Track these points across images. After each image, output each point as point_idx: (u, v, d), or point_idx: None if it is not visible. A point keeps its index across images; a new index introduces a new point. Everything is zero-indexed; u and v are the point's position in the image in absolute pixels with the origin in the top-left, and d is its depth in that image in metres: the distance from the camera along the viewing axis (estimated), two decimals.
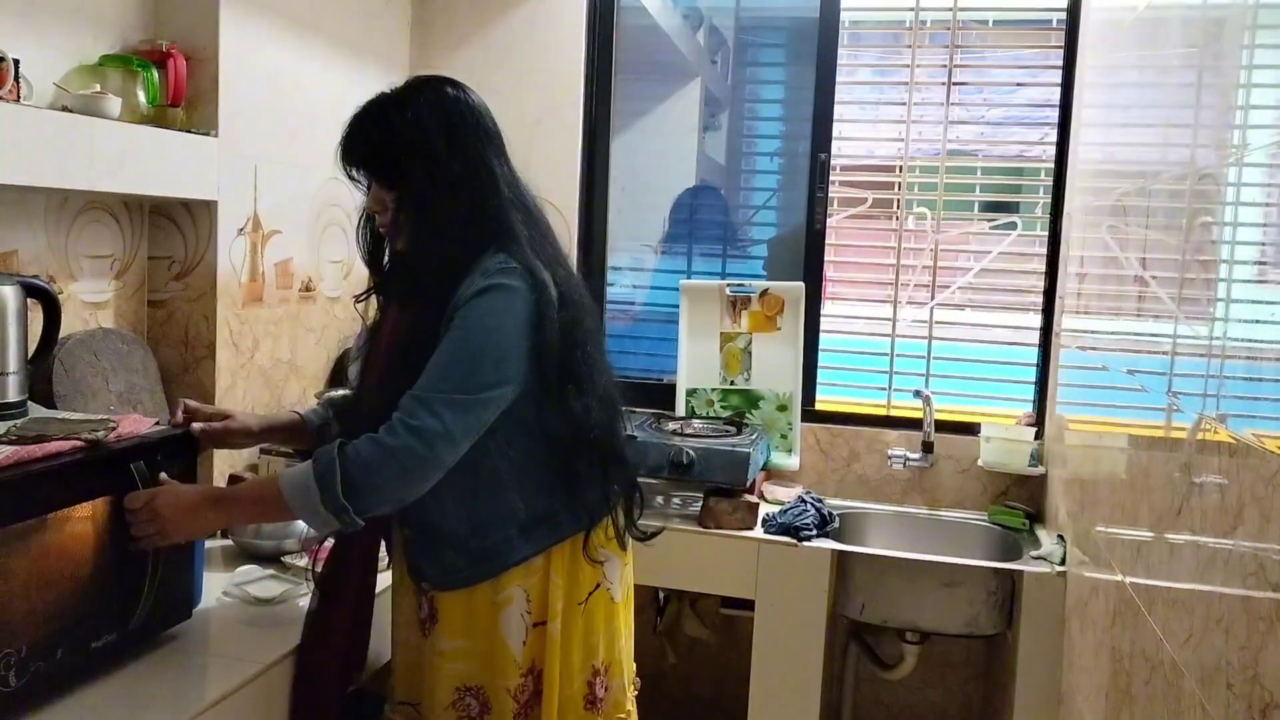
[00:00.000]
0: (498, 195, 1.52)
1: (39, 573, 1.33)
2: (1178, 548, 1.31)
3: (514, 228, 1.52)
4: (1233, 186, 1.24)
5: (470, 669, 1.54)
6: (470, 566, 1.52)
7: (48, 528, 1.35)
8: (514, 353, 1.45)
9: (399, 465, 1.39)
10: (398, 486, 1.41)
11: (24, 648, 1.29)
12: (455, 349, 1.43)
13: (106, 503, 1.44)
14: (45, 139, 1.64)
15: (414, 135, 1.49)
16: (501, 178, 1.54)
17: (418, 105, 1.51)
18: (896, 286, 2.86)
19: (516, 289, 1.46)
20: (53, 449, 1.41)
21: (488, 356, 1.43)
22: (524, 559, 1.53)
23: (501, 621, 1.53)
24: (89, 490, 1.41)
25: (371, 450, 1.39)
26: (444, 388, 1.41)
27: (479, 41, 2.88)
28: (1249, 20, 1.23)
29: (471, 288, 1.45)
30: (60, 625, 1.36)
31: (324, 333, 2.55)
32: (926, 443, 2.68)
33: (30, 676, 1.30)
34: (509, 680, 1.53)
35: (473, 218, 1.50)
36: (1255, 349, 1.11)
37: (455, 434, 1.41)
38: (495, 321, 1.44)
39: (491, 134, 1.56)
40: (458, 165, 1.49)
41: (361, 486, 1.39)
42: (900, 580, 2.42)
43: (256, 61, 2.19)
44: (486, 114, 1.58)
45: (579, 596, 1.58)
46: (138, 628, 1.49)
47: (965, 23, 2.80)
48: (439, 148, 1.48)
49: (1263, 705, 0.98)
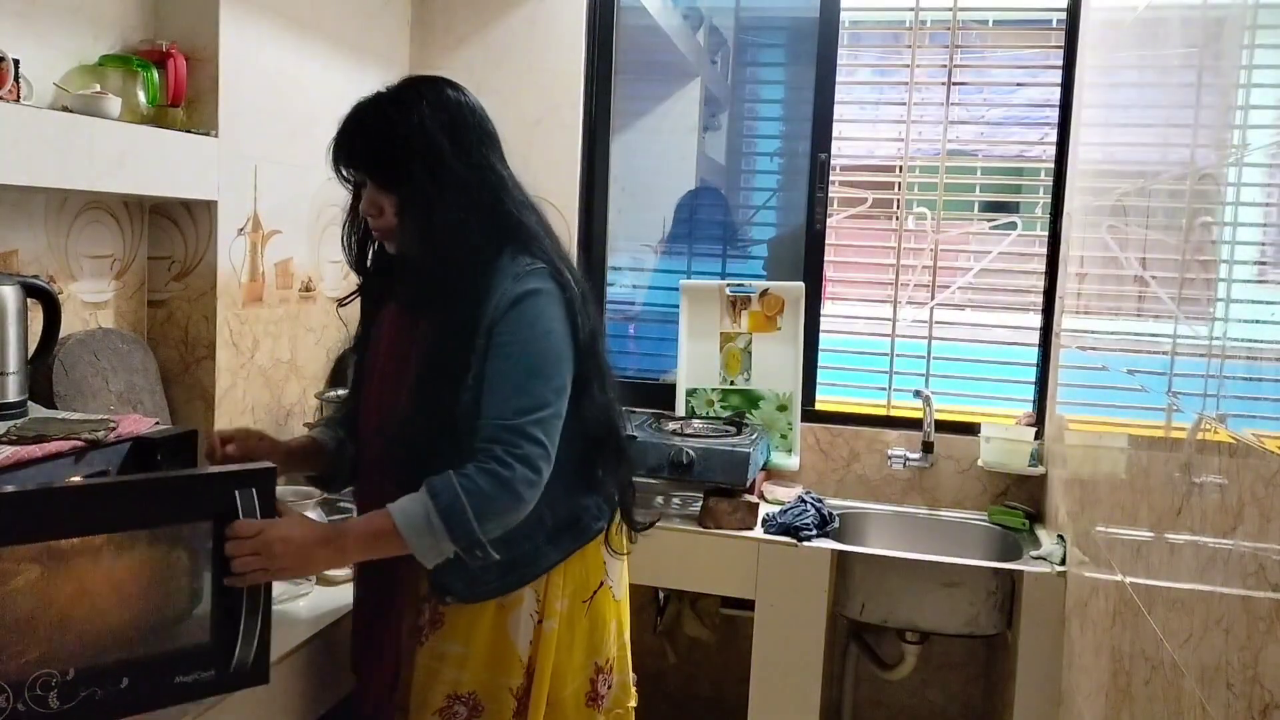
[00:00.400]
0: (509, 196, 1.52)
1: (97, 595, 1.26)
2: (1178, 548, 1.31)
3: (530, 227, 1.52)
4: (1233, 186, 1.24)
5: (466, 675, 1.52)
6: (499, 578, 1.49)
7: (107, 550, 1.27)
8: (567, 354, 1.47)
9: (514, 494, 1.39)
10: (514, 514, 1.41)
11: (71, 671, 1.23)
12: (521, 363, 1.42)
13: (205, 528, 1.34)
14: (45, 139, 1.64)
15: (417, 136, 1.45)
16: (509, 180, 1.53)
17: (419, 105, 1.48)
18: (896, 286, 2.86)
19: (551, 291, 1.46)
20: (52, 449, 1.41)
21: (550, 364, 1.44)
22: (551, 566, 1.52)
23: (510, 623, 1.51)
24: (159, 514, 1.32)
25: (489, 482, 1.38)
26: (528, 406, 1.41)
27: (479, 41, 2.88)
28: (1249, 20, 1.23)
29: (506, 295, 1.44)
30: (129, 655, 1.28)
31: (324, 333, 2.55)
32: (926, 443, 2.68)
33: (80, 701, 1.23)
34: (513, 680, 1.52)
35: (484, 220, 1.48)
36: (1255, 349, 1.11)
37: (551, 450, 1.42)
38: (545, 326, 1.44)
39: (492, 136, 1.55)
40: (463, 166, 1.47)
41: (487, 518, 1.38)
42: (900, 580, 2.42)
43: (256, 61, 2.19)
44: (486, 116, 1.57)
45: (584, 595, 1.57)
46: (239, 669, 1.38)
47: (965, 23, 2.81)
48: (443, 148, 1.46)
49: (1263, 705, 0.98)
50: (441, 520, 1.36)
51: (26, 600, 1.21)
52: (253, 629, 1.38)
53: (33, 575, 1.22)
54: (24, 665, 1.20)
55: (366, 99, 1.52)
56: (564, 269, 1.51)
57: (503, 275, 1.46)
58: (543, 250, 1.50)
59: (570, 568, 1.55)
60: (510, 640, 1.51)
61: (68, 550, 1.25)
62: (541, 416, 1.41)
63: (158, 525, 1.32)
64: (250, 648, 1.37)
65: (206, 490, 1.36)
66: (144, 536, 1.31)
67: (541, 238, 1.52)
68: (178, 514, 1.33)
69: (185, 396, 2.13)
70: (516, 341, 1.42)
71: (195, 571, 1.35)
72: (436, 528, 1.36)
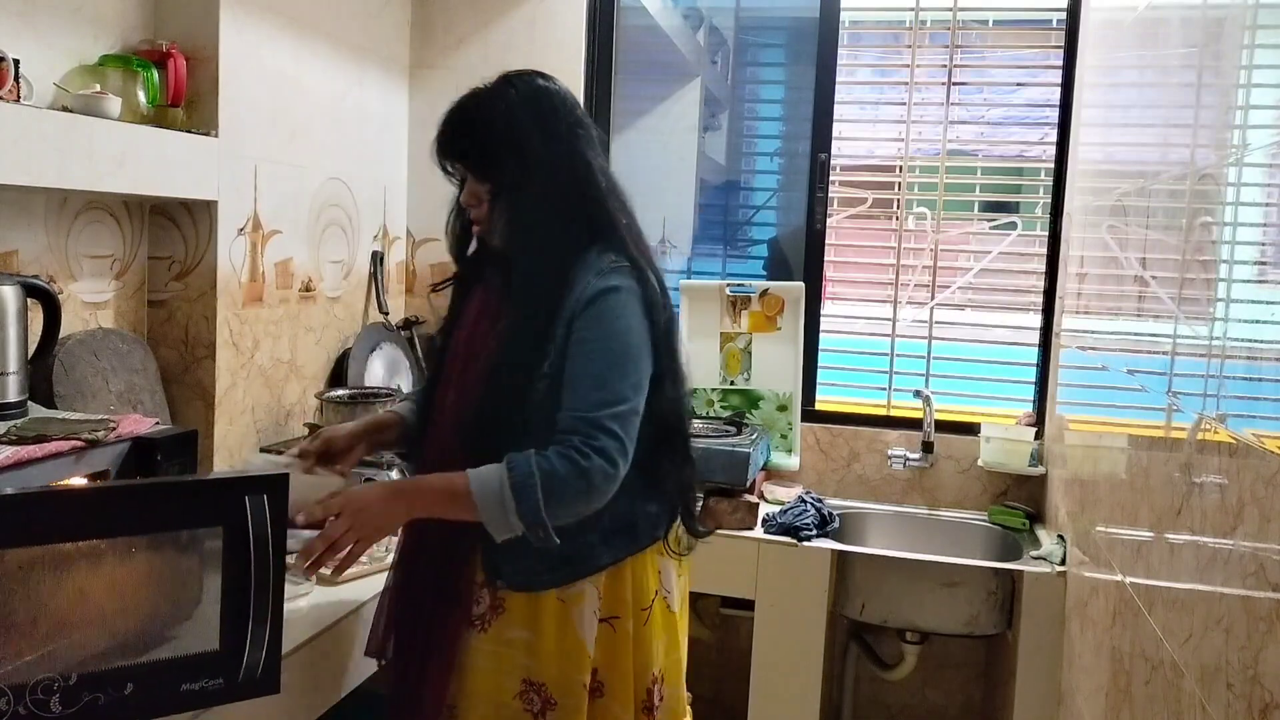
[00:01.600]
0: (595, 187, 1.52)
1: (101, 600, 1.25)
2: (1178, 548, 1.31)
3: (615, 220, 1.53)
4: (1233, 186, 1.24)
5: (536, 664, 1.50)
6: (549, 571, 1.49)
7: (110, 554, 1.26)
8: (645, 351, 1.48)
9: (589, 484, 1.39)
10: (586, 504, 1.42)
11: (74, 676, 1.21)
12: (600, 359, 1.44)
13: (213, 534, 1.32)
14: (45, 139, 1.64)
15: (503, 124, 1.49)
16: (597, 169, 1.53)
17: (508, 95, 1.51)
18: (896, 286, 2.86)
19: (631, 288, 1.47)
20: (52, 449, 1.41)
21: (629, 360, 1.45)
22: (601, 568, 1.51)
23: (575, 617, 1.50)
24: (168, 519, 1.30)
25: (565, 467, 1.38)
26: (607, 400, 1.42)
27: (479, 41, 2.88)
28: (1249, 20, 1.23)
29: (588, 290, 1.45)
30: (133, 661, 1.27)
31: (324, 333, 2.55)
32: (926, 443, 2.69)
33: (83, 707, 1.22)
34: (584, 675, 1.50)
35: (572, 211, 1.50)
36: (1255, 349, 1.11)
37: (628, 446, 1.42)
38: (625, 324, 1.46)
39: (583, 124, 1.55)
40: (552, 156, 1.49)
41: (557, 501, 1.38)
42: (900, 580, 2.42)
43: (256, 61, 2.19)
44: (577, 105, 1.57)
45: (643, 602, 1.56)
46: (248, 679, 1.35)
47: (965, 23, 2.81)
48: (533, 139, 1.48)
49: (1263, 705, 0.98)
50: (513, 493, 1.37)
51: (31, 604, 1.21)
52: (261, 636, 1.35)
53: (38, 577, 1.21)
54: (25, 669, 1.20)
55: (464, 94, 1.55)
56: (645, 265, 1.52)
57: (586, 270, 1.47)
58: (626, 246, 1.51)
59: (628, 572, 1.54)
60: (578, 635, 1.50)
61: (72, 553, 1.23)
62: (619, 411, 1.42)
63: (167, 530, 1.30)
64: (259, 655, 1.35)
65: (217, 496, 1.33)
66: (151, 541, 1.29)
67: (626, 232, 1.53)
68: (187, 519, 1.31)
69: (185, 396, 2.13)
70: (596, 338, 1.44)
71: (203, 578, 1.33)
72: (507, 500, 1.37)
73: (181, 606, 1.33)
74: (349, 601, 1.76)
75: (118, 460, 1.52)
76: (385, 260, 2.82)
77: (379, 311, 2.77)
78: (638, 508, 1.53)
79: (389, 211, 2.85)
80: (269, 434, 2.32)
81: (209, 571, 1.33)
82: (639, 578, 1.55)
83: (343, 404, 2.33)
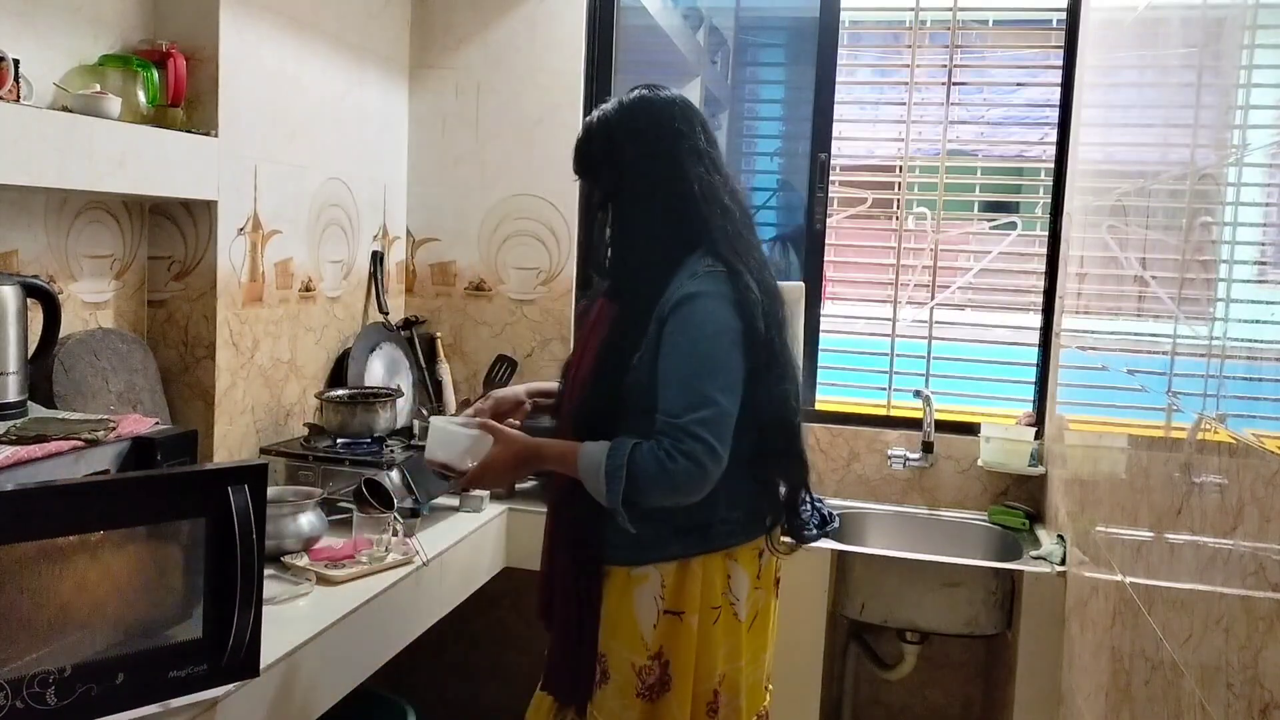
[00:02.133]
0: (690, 195, 1.59)
1: (93, 592, 1.27)
2: (1178, 548, 1.31)
3: (711, 225, 1.59)
4: (1233, 186, 1.24)
5: (602, 634, 1.62)
6: (624, 549, 1.59)
7: (102, 548, 1.28)
8: (735, 355, 1.54)
9: (673, 483, 1.49)
10: (674, 499, 1.52)
11: (68, 668, 1.24)
12: (686, 362, 1.53)
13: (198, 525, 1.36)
14: (45, 139, 1.64)
15: (601, 141, 1.63)
16: (694, 176, 1.60)
17: (611, 112, 1.64)
18: (896, 286, 2.86)
19: (720, 293, 1.54)
20: (52, 449, 1.41)
21: (716, 364, 1.53)
22: (672, 557, 1.60)
23: (635, 598, 1.60)
24: (153, 511, 1.33)
25: (655, 465, 1.49)
26: (694, 404, 1.50)
27: (479, 41, 2.88)
28: (1249, 20, 1.23)
29: (679, 292, 1.54)
30: (124, 651, 1.29)
31: (324, 333, 2.55)
32: (926, 443, 2.69)
33: (77, 698, 1.24)
34: (635, 657, 1.60)
35: (669, 217, 1.59)
36: (1255, 349, 1.11)
37: (718, 449, 1.50)
38: (712, 328, 1.53)
39: (683, 132, 1.61)
40: (646, 166, 1.59)
41: (639, 491, 1.50)
42: (900, 580, 2.42)
43: (256, 61, 2.19)
44: (681, 111, 1.64)
45: (713, 601, 1.62)
46: (231, 663, 1.40)
47: (965, 23, 2.81)
48: (626, 152, 1.60)
49: (1263, 705, 0.98)
50: (605, 474, 1.50)
51: (24, 599, 1.21)
52: (245, 624, 1.39)
53: (31, 573, 1.22)
54: (22, 663, 1.20)
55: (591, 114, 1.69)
56: (744, 269, 1.58)
57: (683, 273, 1.57)
58: (721, 249, 1.58)
59: (699, 570, 1.61)
60: (634, 615, 1.60)
61: (64, 548, 1.25)
62: (705, 416, 1.50)
63: (152, 522, 1.33)
64: (242, 642, 1.40)
65: (200, 487, 1.37)
66: (139, 534, 1.32)
67: (721, 235, 1.59)
68: (172, 511, 1.35)
69: (185, 396, 2.13)
70: (684, 341, 1.53)
71: (189, 568, 1.37)
72: (600, 478, 1.51)
73: (167, 596, 1.36)
74: (349, 602, 1.77)
75: (118, 460, 1.52)
76: (385, 260, 2.82)
77: (379, 311, 2.77)
78: (718, 512, 1.60)
79: (389, 211, 2.85)
80: (269, 434, 2.32)
81: (193, 561, 1.37)
82: (708, 577, 1.61)
83: (342, 404, 2.33)
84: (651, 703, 1.59)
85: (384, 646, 1.88)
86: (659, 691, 1.59)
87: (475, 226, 2.90)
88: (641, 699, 1.59)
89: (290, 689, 1.59)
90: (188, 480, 1.39)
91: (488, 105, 2.86)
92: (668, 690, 1.59)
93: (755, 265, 1.61)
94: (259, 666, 1.44)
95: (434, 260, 2.96)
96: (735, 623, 1.64)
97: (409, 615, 1.95)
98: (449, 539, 2.14)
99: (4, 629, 1.19)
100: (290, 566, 1.89)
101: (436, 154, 2.92)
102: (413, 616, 1.97)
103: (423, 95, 2.91)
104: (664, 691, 1.59)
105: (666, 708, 1.59)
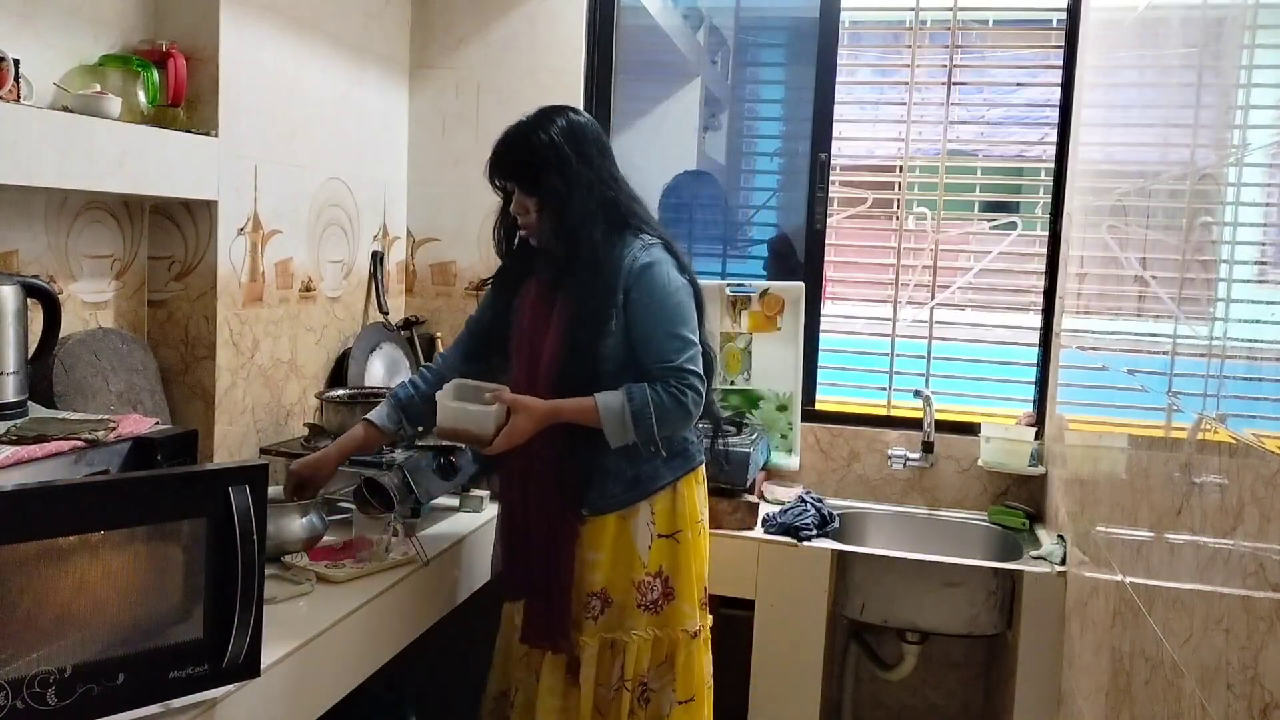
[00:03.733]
0: (622, 192, 1.94)
1: (93, 593, 1.27)
2: (1178, 548, 1.31)
3: (641, 214, 1.96)
4: (1233, 186, 1.24)
5: (599, 576, 1.92)
6: (625, 492, 1.91)
7: (102, 548, 1.28)
8: (690, 303, 1.91)
9: (687, 411, 1.84)
10: (685, 424, 1.89)
11: (69, 668, 1.23)
12: (665, 316, 1.86)
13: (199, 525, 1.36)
14: (45, 139, 1.64)
15: (549, 150, 1.86)
16: (620, 179, 1.95)
17: (551, 127, 1.88)
18: (896, 286, 2.86)
19: (668, 259, 1.90)
20: (52, 449, 1.41)
21: (685, 312, 1.88)
22: (664, 485, 1.93)
23: (631, 529, 1.92)
24: (154, 512, 1.33)
25: (671, 400, 1.82)
26: (680, 347, 1.85)
27: (479, 41, 2.88)
28: (1249, 20, 1.23)
29: (636, 263, 1.87)
30: (124, 651, 1.29)
31: (324, 332, 2.55)
32: (926, 443, 2.69)
33: (77, 698, 1.24)
34: (635, 574, 1.92)
35: (605, 211, 1.89)
36: (1255, 349, 1.11)
37: (704, 378, 1.87)
38: (673, 284, 1.88)
39: (605, 147, 1.95)
40: (586, 171, 1.87)
41: (666, 425, 1.84)
42: (900, 580, 2.42)
43: (256, 61, 2.19)
44: (601, 132, 1.97)
45: (695, 516, 1.98)
46: (232, 664, 1.39)
47: (965, 23, 2.81)
48: (570, 159, 1.86)
49: (1263, 705, 0.98)
50: (631, 417, 1.81)
51: (25, 599, 1.21)
52: (245, 624, 1.39)
53: (31, 573, 1.22)
54: (22, 663, 1.20)
55: (511, 126, 1.92)
56: (669, 239, 1.95)
57: (630, 248, 1.89)
58: (653, 230, 1.94)
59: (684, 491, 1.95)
60: (633, 544, 1.92)
61: (64, 548, 1.25)
62: (692, 355, 1.86)
63: (153, 522, 1.33)
64: (243, 642, 1.39)
65: (200, 487, 1.37)
66: (139, 534, 1.32)
67: (650, 221, 1.96)
68: (172, 511, 1.35)
69: (185, 396, 2.13)
70: (655, 301, 1.86)
71: (190, 568, 1.36)
72: (627, 421, 1.81)
73: (168, 596, 1.36)
74: (349, 602, 1.77)
75: (118, 460, 1.52)
76: (385, 260, 2.82)
77: (379, 311, 2.77)
78: (686, 437, 1.96)
79: (389, 211, 2.85)
80: (269, 434, 2.32)
81: (194, 561, 1.37)
82: (687, 499, 1.96)
83: (342, 404, 2.33)
84: (656, 614, 1.92)
85: (384, 646, 1.88)
86: (663, 603, 1.92)
87: (475, 226, 2.89)
88: (645, 611, 1.91)
89: (290, 689, 1.59)
90: (188, 480, 1.38)
91: (488, 105, 2.86)
92: (674, 599, 1.93)
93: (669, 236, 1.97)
94: (259, 667, 1.44)
95: (434, 260, 2.96)
96: (705, 530, 2.02)
97: (409, 615, 1.95)
98: (449, 539, 2.14)
99: (4, 629, 1.19)
100: (290, 566, 1.88)
101: (436, 154, 2.92)
102: (413, 616, 1.97)
103: (423, 95, 2.91)
104: (670, 601, 1.93)
105: (678, 612, 1.92)
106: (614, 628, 1.92)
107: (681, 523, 1.94)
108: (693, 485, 1.98)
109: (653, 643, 1.93)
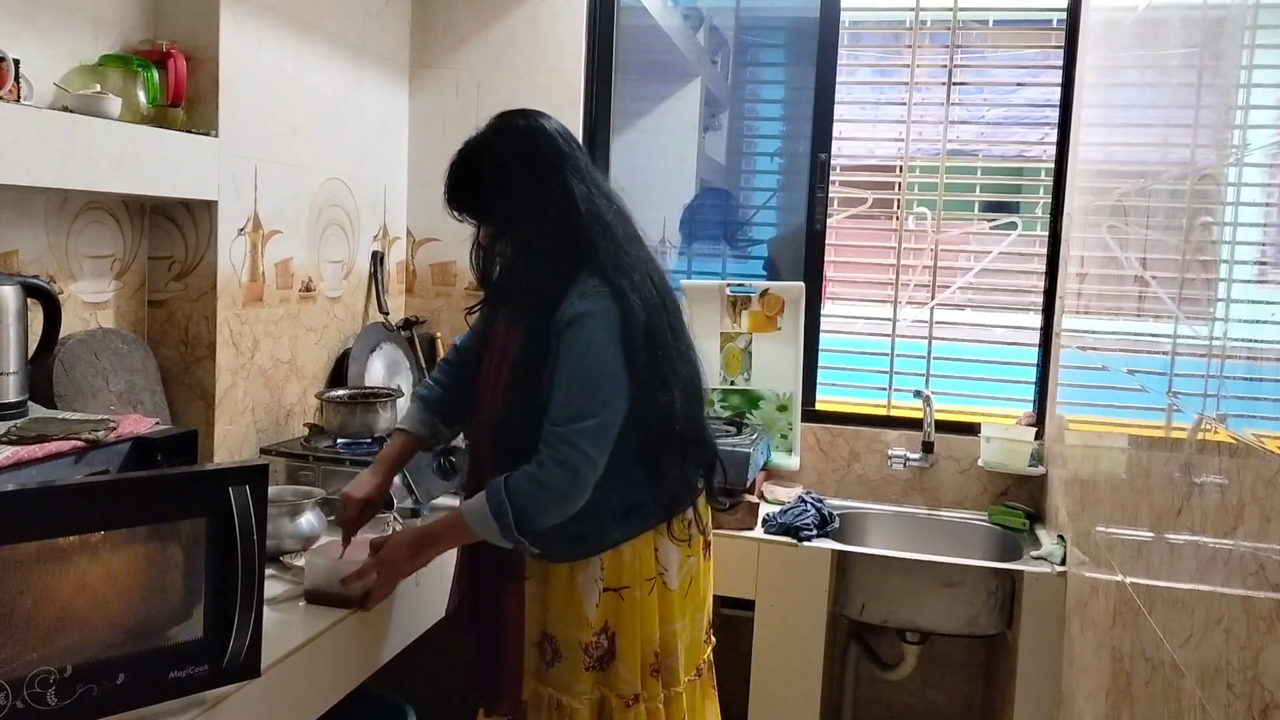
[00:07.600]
0: (576, 215, 1.67)
1: (94, 593, 1.27)
2: (1178, 548, 1.31)
3: (595, 244, 1.67)
4: (1233, 186, 1.24)
5: (549, 617, 1.75)
6: (568, 547, 1.70)
7: (102, 548, 1.28)
8: (616, 369, 1.63)
9: (557, 495, 1.60)
10: (557, 512, 1.62)
11: (69, 668, 1.23)
12: (572, 379, 1.62)
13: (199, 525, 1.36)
14: (45, 139, 1.64)
15: (496, 176, 1.67)
16: (579, 196, 1.67)
17: (494, 143, 1.69)
18: (896, 286, 2.86)
19: (605, 312, 1.63)
20: (52, 449, 1.41)
21: (598, 378, 1.62)
22: (615, 544, 1.72)
23: (580, 583, 1.72)
24: (154, 512, 1.33)
25: (531, 486, 1.59)
26: (573, 415, 1.60)
27: (479, 41, 2.88)
28: (1249, 20, 1.23)
29: (567, 313, 1.63)
30: (124, 651, 1.29)
31: (324, 333, 2.55)
32: (926, 443, 2.69)
33: (77, 698, 1.24)
34: (582, 635, 1.73)
35: (560, 239, 1.67)
36: (1255, 349, 1.11)
37: (595, 457, 1.60)
38: (596, 348, 1.62)
39: (566, 154, 1.70)
40: (537, 195, 1.66)
41: (528, 517, 1.60)
42: (900, 580, 2.42)
43: (256, 61, 2.19)
44: (560, 136, 1.72)
45: (647, 574, 1.75)
46: (232, 664, 1.39)
47: (965, 23, 2.81)
48: (518, 183, 1.66)
49: (1263, 705, 0.98)
50: (491, 517, 1.59)
51: (24, 599, 1.21)
52: (246, 624, 1.39)
53: (31, 573, 1.22)
54: (22, 663, 1.20)
55: (462, 147, 1.73)
56: (628, 287, 1.65)
57: (573, 292, 1.65)
58: (606, 269, 1.66)
59: (628, 550, 1.73)
60: (580, 599, 1.72)
61: (65, 548, 1.25)
62: (585, 426, 1.59)
63: (153, 522, 1.32)
64: (244, 642, 1.39)
65: (200, 487, 1.37)
66: (140, 534, 1.31)
67: (605, 255, 1.67)
68: (173, 511, 1.35)
69: (185, 396, 2.13)
70: (570, 359, 1.62)
71: (190, 568, 1.36)
72: (489, 523, 1.60)
73: (168, 596, 1.35)
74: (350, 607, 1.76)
75: (118, 460, 1.52)
76: (385, 260, 2.82)
77: (379, 311, 2.77)
78: (647, 494, 1.73)
79: (389, 211, 2.85)
80: (269, 434, 2.32)
81: (194, 561, 1.36)
82: (642, 553, 1.74)
83: (343, 404, 2.33)
84: (602, 672, 1.73)
85: (384, 646, 1.88)
86: (607, 661, 1.73)
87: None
88: (591, 671, 1.73)
89: (291, 689, 1.59)
90: (188, 480, 1.38)
91: (488, 105, 2.84)
92: (615, 659, 1.73)
93: (639, 280, 1.68)
94: (260, 666, 1.44)
95: (434, 260, 2.96)
96: (667, 591, 1.78)
97: (409, 615, 1.95)
98: None
99: (4, 629, 1.19)
100: (290, 566, 1.88)
101: (436, 154, 2.91)
102: (413, 617, 1.97)
103: (423, 95, 2.91)
104: (612, 660, 1.73)
105: (616, 674, 1.73)
106: (563, 688, 1.74)
107: (629, 578, 1.72)
108: (650, 543, 1.75)
109: (600, 701, 1.75)
